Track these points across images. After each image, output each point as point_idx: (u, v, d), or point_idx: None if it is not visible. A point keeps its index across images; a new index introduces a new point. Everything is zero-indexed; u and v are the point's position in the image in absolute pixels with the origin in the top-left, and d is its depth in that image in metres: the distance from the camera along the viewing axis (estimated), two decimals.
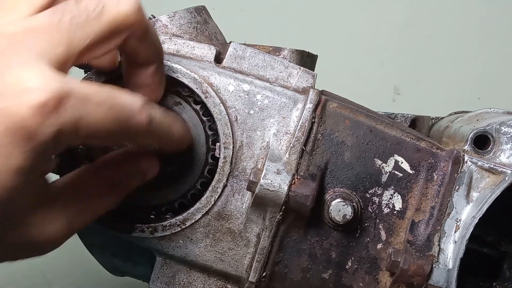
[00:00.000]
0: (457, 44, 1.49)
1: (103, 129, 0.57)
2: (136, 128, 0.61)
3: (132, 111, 0.60)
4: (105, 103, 0.57)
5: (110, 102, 0.58)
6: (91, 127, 0.56)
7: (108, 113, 0.57)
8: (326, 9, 1.50)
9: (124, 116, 0.59)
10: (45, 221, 0.60)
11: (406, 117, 0.95)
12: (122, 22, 0.61)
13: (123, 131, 0.60)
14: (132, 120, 0.60)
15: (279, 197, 0.72)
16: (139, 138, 0.64)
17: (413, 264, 0.73)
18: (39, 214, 0.60)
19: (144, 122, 0.61)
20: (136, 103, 0.61)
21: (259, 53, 0.78)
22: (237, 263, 0.76)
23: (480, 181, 0.76)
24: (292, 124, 0.75)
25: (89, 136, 0.57)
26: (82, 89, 0.56)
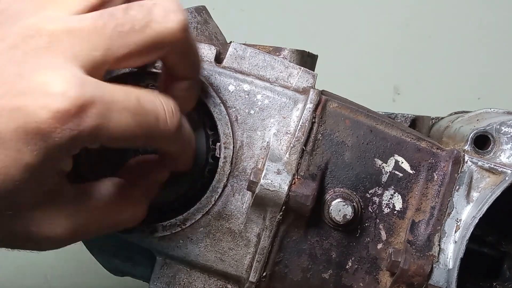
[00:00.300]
0: (457, 44, 1.49)
1: (126, 134, 0.57)
2: (162, 134, 0.61)
3: (160, 116, 0.60)
4: (130, 109, 0.57)
5: (136, 108, 0.57)
6: (111, 133, 0.56)
7: (133, 119, 0.57)
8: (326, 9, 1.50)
9: (150, 122, 0.59)
10: (46, 220, 0.60)
11: (406, 117, 0.95)
12: (166, 38, 0.60)
13: (147, 137, 0.60)
14: (159, 126, 0.60)
15: (279, 197, 0.72)
16: (164, 143, 0.64)
17: (413, 264, 0.73)
18: (42, 212, 0.60)
19: (173, 128, 0.61)
20: (167, 108, 0.61)
21: (259, 53, 0.78)
22: (237, 263, 0.76)
23: (480, 181, 0.76)
24: (293, 124, 0.75)
25: (110, 140, 0.57)
26: (108, 95, 0.56)
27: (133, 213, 0.68)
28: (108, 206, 0.65)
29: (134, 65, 0.62)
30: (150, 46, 0.60)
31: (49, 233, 0.61)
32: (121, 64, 0.60)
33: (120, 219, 0.67)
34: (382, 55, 1.49)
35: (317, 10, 1.50)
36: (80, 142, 0.55)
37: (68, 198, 0.62)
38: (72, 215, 0.62)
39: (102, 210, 0.65)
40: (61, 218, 0.61)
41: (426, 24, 1.50)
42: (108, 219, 0.65)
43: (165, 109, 0.61)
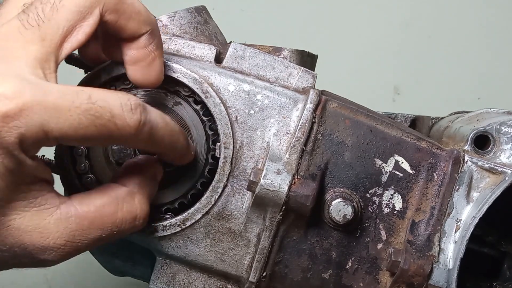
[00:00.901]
0: (457, 44, 1.49)
1: (78, 133, 0.58)
2: (121, 132, 0.60)
3: (115, 113, 0.60)
4: (80, 107, 0.58)
5: (86, 106, 0.58)
6: (62, 131, 0.57)
7: (82, 117, 0.58)
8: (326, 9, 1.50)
9: (104, 119, 0.59)
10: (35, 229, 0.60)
11: (406, 117, 0.95)
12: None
13: (103, 135, 0.60)
14: (115, 123, 0.60)
15: (279, 197, 0.72)
16: (128, 142, 0.64)
17: (413, 264, 0.73)
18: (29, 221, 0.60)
19: (133, 125, 0.61)
20: (124, 105, 0.60)
21: (259, 53, 0.78)
22: (237, 263, 0.76)
23: (480, 181, 0.76)
24: (293, 124, 0.75)
25: (64, 139, 0.58)
26: (54, 93, 0.57)
27: (132, 213, 0.67)
28: (101, 209, 0.64)
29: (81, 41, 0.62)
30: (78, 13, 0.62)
31: (42, 242, 0.61)
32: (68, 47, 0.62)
33: (119, 221, 0.66)
34: (382, 55, 1.49)
35: (317, 10, 1.50)
36: (31, 140, 0.57)
37: (52, 205, 0.61)
38: (60, 221, 0.61)
39: (95, 213, 0.64)
40: (50, 225, 0.61)
41: (426, 24, 1.50)
42: (106, 221, 0.65)
43: (122, 105, 0.60)
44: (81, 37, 0.63)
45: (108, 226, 0.65)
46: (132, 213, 0.66)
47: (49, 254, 0.62)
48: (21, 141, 0.56)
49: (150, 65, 0.69)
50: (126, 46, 0.68)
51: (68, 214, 0.62)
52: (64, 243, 0.62)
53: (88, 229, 0.63)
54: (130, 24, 0.66)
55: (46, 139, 0.57)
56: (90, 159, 0.76)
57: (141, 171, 0.70)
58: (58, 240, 0.61)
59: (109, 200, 0.65)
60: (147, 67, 0.69)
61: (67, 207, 0.62)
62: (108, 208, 0.65)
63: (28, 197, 0.60)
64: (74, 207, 0.63)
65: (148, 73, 0.69)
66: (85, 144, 0.63)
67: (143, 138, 0.63)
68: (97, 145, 0.67)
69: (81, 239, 0.63)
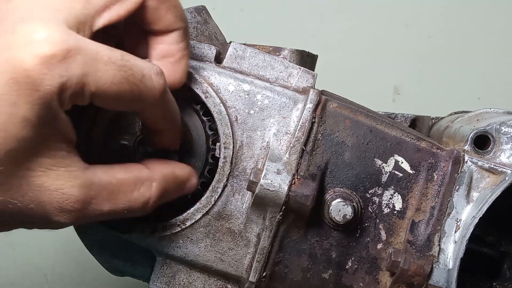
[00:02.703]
0: (457, 44, 1.49)
1: (112, 89, 0.59)
2: (148, 94, 0.62)
3: (145, 73, 0.61)
4: (115, 63, 0.58)
5: (121, 62, 0.59)
6: (99, 85, 0.58)
7: (119, 72, 0.59)
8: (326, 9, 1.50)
9: (135, 77, 0.60)
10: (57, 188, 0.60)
11: (406, 117, 0.95)
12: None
13: (134, 94, 0.61)
14: (145, 83, 0.61)
15: (279, 197, 0.72)
16: (150, 107, 0.64)
17: (413, 264, 0.73)
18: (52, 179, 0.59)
19: (158, 89, 0.62)
20: (152, 69, 0.62)
21: (259, 53, 0.78)
22: (237, 263, 0.76)
23: (480, 181, 0.76)
24: (292, 124, 0.75)
25: (97, 95, 0.58)
26: (93, 46, 0.58)
27: (145, 198, 0.67)
28: (122, 183, 0.64)
29: (116, 17, 0.63)
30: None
31: (61, 204, 0.60)
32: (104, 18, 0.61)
33: (133, 201, 0.65)
34: (382, 55, 1.49)
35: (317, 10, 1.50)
36: (69, 92, 0.56)
37: (79, 169, 0.61)
38: (83, 186, 0.61)
39: (115, 186, 0.64)
40: (73, 188, 0.60)
41: (426, 24, 1.50)
42: (122, 197, 0.64)
43: (150, 68, 0.62)
44: (122, 11, 0.63)
45: (122, 203, 0.65)
46: (145, 198, 0.66)
47: (62, 216, 0.61)
48: (61, 91, 0.56)
49: (178, 63, 0.69)
50: (155, 40, 0.68)
51: (92, 180, 0.62)
52: (80, 207, 0.61)
53: (104, 201, 0.63)
54: (168, 16, 0.67)
55: (82, 94, 0.57)
56: (90, 160, 0.76)
57: (173, 168, 0.70)
58: (76, 204, 0.61)
59: (130, 177, 0.65)
60: (175, 64, 0.69)
61: (92, 174, 0.62)
62: (127, 185, 0.65)
63: (57, 156, 0.59)
64: (98, 176, 0.63)
65: (173, 70, 0.69)
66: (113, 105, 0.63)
67: (165, 103, 0.64)
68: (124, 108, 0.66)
69: (94, 208, 0.63)
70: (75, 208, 0.61)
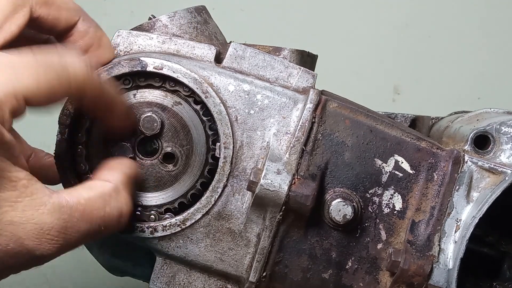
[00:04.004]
0: (457, 44, 1.49)
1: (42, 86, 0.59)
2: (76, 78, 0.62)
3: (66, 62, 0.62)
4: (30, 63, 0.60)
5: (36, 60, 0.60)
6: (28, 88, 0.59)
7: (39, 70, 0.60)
8: (326, 9, 1.50)
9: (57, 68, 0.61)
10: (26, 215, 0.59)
11: (406, 117, 0.95)
12: None
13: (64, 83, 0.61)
14: (68, 70, 0.62)
15: (279, 197, 0.72)
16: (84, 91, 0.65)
17: (413, 264, 0.73)
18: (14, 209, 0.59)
19: (81, 68, 0.63)
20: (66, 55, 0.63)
21: (259, 53, 0.78)
22: (237, 263, 0.76)
23: (480, 181, 0.76)
24: (292, 124, 0.75)
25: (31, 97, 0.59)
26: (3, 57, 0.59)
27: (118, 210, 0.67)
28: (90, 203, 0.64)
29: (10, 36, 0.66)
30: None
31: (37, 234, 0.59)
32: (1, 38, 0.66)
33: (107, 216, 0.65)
34: (382, 55, 1.49)
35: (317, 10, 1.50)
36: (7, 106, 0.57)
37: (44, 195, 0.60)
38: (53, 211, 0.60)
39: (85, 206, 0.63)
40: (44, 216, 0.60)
41: (426, 24, 1.50)
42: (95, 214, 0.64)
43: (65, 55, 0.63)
44: (14, 28, 0.67)
45: (97, 221, 0.64)
46: (118, 209, 0.67)
47: (44, 247, 0.60)
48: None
49: (101, 45, 0.74)
50: (69, 41, 0.72)
51: (60, 204, 0.61)
52: (57, 234, 0.61)
53: (79, 222, 0.62)
54: (62, 14, 0.71)
55: (18, 103, 0.58)
56: (89, 160, 0.76)
57: (123, 169, 0.71)
58: (52, 231, 0.60)
59: (96, 194, 0.65)
60: (99, 47, 0.74)
61: (59, 198, 0.62)
62: (96, 202, 0.65)
63: (18, 186, 0.58)
64: (65, 199, 0.62)
65: (102, 52, 0.74)
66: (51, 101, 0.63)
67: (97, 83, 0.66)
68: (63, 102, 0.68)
69: (72, 232, 0.62)
70: (53, 236, 0.60)
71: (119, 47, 0.77)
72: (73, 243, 0.63)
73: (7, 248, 0.59)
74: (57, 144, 0.75)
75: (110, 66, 0.74)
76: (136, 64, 0.74)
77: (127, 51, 0.78)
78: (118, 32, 0.78)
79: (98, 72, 0.74)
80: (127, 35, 0.78)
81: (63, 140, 0.75)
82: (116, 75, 0.74)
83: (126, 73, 0.74)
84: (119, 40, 0.78)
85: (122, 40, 0.78)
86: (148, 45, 0.78)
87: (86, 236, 0.64)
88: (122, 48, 0.77)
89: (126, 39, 0.78)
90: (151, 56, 0.75)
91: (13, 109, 0.58)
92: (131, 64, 0.74)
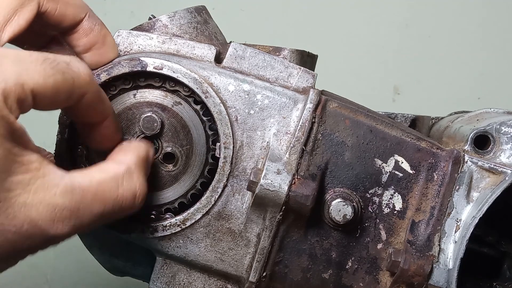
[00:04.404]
0: (457, 44, 1.49)
1: (49, 82, 0.60)
2: (80, 80, 0.63)
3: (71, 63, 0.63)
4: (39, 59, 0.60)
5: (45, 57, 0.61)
6: (35, 81, 0.59)
7: (47, 66, 0.60)
8: (326, 9, 1.50)
9: (64, 67, 0.62)
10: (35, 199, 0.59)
11: (406, 117, 0.95)
12: None
13: (68, 83, 0.62)
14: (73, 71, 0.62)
15: (279, 197, 0.72)
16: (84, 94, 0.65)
17: (413, 264, 0.73)
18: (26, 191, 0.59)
19: (86, 72, 0.64)
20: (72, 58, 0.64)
21: (259, 53, 0.78)
22: (237, 263, 0.76)
23: (480, 181, 0.76)
24: (292, 124, 0.75)
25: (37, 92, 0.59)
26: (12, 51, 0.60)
27: (132, 191, 0.66)
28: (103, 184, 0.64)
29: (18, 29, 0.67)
30: None
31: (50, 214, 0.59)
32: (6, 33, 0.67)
33: (120, 197, 0.65)
34: (382, 55, 1.49)
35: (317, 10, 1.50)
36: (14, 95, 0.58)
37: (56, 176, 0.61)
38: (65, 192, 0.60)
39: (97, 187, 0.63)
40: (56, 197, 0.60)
41: (426, 24, 1.50)
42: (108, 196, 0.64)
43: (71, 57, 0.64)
44: (22, 21, 0.68)
45: (110, 202, 0.64)
46: (132, 191, 0.66)
47: (57, 228, 0.60)
48: (5, 97, 0.56)
49: (105, 43, 0.74)
50: (73, 38, 0.73)
51: (72, 185, 0.61)
52: (70, 214, 0.61)
53: (92, 203, 0.63)
54: (69, 10, 0.71)
55: (25, 95, 0.58)
56: (89, 160, 0.76)
57: (136, 151, 0.70)
58: (65, 212, 0.60)
59: (109, 176, 0.65)
60: (102, 46, 0.74)
61: (71, 179, 0.62)
62: (109, 184, 0.65)
63: (31, 169, 0.59)
64: (77, 180, 0.62)
65: (105, 51, 0.75)
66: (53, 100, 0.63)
67: (96, 88, 0.66)
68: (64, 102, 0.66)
69: (85, 213, 0.62)
70: (65, 216, 0.61)
71: (119, 47, 0.77)
72: (86, 223, 0.63)
73: (21, 230, 0.59)
74: (57, 144, 0.75)
75: (110, 66, 0.74)
76: (136, 64, 0.74)
77: (127, 51, 0.78)
78: (118, 32, 0.78)
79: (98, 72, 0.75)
80: (127, 35, 0.78)
81: (63, 140, 0.75)
82: (116, 75, 0.74)
83: (126, 73, 0.74)
84: (119, 40, 0.78)
85: (122, 40, 0.78)
86: (148, 45, 0.78)
87: (100, 217, 0.64)
88: (122, 48, 0.77)
89: (126, 39, 0.78)
90: (151, 56, 0.75)
91: (20, 99, 0.58)
92: (131, 64, 0.74)
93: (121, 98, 0.75)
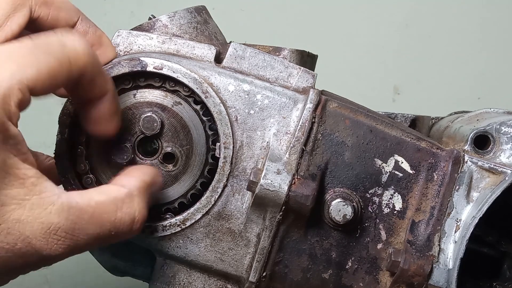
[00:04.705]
0: (457, 44, 1.49)
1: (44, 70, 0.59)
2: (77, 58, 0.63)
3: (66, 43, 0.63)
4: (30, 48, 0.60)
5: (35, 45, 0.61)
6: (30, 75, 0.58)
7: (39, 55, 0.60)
8: (326, 9, 1.50)
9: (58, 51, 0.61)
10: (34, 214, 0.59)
11: (406, 117, 0.95)
12: None
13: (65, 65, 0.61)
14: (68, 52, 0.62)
15: (279, 197, 0.72)
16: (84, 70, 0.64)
17: (413, 264, 0.73)
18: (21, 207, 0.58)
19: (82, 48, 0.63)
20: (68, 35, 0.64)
21: (259, 53, 0.78)
22: (237, 263, 0.76)
23: (480, 181, 0.76)
24: (292, 124, 0.75)
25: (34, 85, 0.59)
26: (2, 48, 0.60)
27: (130, 215, 0.65)
28: (101, 206, 0.63)
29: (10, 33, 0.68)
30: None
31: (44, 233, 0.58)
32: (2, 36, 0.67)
33: (118, 221, 0.64)
34: (382, 55, 1.49)
35: (317, 10, 1.50)
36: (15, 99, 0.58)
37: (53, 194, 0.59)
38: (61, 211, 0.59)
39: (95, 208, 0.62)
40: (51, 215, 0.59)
41: (426, 24, 1.50)
42: (105, 218, 0.63)
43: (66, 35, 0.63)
44: (14, 26, 0.68)
45: (107, 225, 0.63)
46: (130, 215, 0.65)
47: (51, 248, 0.59)
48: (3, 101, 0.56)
49: (101, 44, 0.75)
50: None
51: (69, 204, 0.60)
52: (65, 235, 0.60)
53: (88, 224, 0.61)
54: (61, 15, 0.72)
55: (22, 93, 0.58)
56: (89, 160, 0.76)
57: (141, 176, 0.69)
58: (59, 231, 0.59)
59: (108, 199, 0.64)
60: (100, 47, 0.75)
61: (68, 198, 0.60)
62: (107, 206, 0.64)
63: (27, 184, 0.57)
64: (74, 200, 0.61)
65: (104, 52, 0.75)
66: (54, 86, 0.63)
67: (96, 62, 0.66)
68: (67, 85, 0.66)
69: (80, 234, 0.61)
70: (60, 236, 0.59)
71: (119, 47, 0.77)
72: (81, 245, 0.62)
73: (14, 248, 0.58)
74: (57, 144, 0.75)
75: (110, 66, 0.74)
76: (136, 64, 0.74)
77: (127, 51, 0.78)
78: (118, 32, 0.78)
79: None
80: (127, 35, 0.78)
81: (63, 140, 0.75)
82: (116, 75, 0.74)
83: (126, 73, 0.74)
84: (119, 40, 0.78)
85: (122, 40, 0.78)
86: (148, 45, 0.78)
87: (95, 239, 0.62)
88: (122, 48, 0.77)
89: (126, 39, 0.78)
90: (151, 56, 0.75)
91: (19, 101, 0.58)
92: (131, 64, 0.74)
93: (121, 98, 0.75)
